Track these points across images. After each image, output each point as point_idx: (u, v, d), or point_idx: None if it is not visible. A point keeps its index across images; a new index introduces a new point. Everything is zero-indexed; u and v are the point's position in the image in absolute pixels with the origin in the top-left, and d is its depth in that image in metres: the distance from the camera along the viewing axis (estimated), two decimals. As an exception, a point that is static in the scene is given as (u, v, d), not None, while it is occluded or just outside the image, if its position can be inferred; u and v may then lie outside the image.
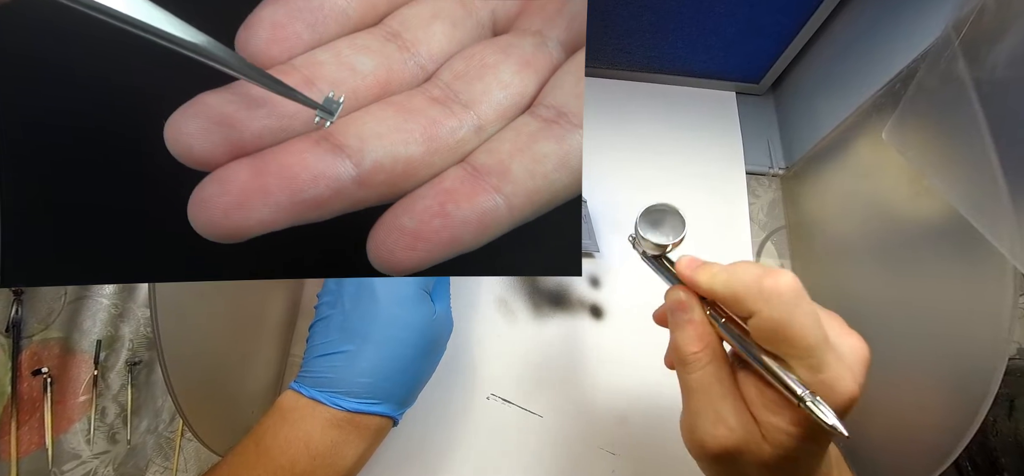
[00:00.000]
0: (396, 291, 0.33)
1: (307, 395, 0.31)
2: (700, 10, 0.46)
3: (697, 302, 0.25)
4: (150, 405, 0.44)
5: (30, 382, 0.43)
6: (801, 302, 0.22)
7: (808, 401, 0.21)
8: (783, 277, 0.22)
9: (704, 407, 0.24)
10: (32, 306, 0.45)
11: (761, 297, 0.22)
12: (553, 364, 0.45)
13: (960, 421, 0.29)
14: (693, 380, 0.24)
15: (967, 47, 0.29)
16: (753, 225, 0.51)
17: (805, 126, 0.50)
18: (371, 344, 0.32)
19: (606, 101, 0.54)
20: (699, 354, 0.24)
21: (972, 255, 0.30)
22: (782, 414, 0.22)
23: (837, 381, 0.21)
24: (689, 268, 0.25)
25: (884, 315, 0.38)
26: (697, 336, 0.25)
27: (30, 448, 0.42)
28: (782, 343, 0.22)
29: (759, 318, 0.22)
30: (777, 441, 0.22)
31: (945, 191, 0.30)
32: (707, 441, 0.23)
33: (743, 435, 0.23)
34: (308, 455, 0.30)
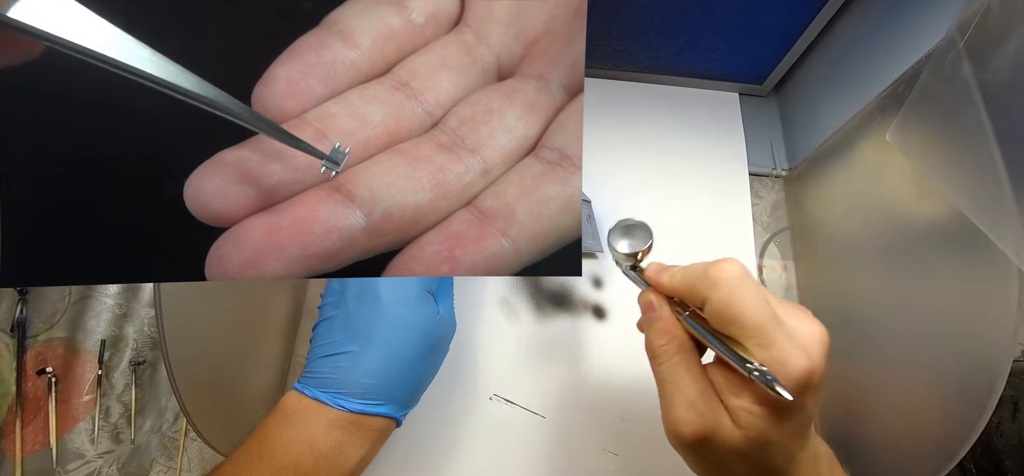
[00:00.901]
0: (400, 292, 0.33)
1: (310, 396, 0.31)
2: (704, 11, 0.46)
3: (664, 301, 0.28)
4: (154, 405, 0.44)
5: (35, 382, 0.43)
6: (745, 284, 0.24)
7: (755, 372, 0.22)
8: (727, 264, 0.24)
9: (674, 395, 0.26)
10: (37, 306, 0.45)
11: (708, 283, 0.25)
12: (556, 365, 0.45)
13: (964, 423, 0.29)
14: (663, 371, 0.27)
15: (972, 49, 0.29)
16: (756, 226, 0.51)
17: (809, 127, 0.50)
18: (375, 345, 0.32)
19: (609, 102, 0.55)
20: (666, 346, 0.27)
21: (976, 257, 0.30)
22: (744, 395, 0.24)
23: (787, 357, 0.23)
24: (655, 272, 0.29)
25: (888, 317, 0.38)
26: (663, 330, 0.27)
27: (35, 447, 0.42)
28: (732, 324, 0.24)
29: (710, 304, 0.24)
30: (744, 422, 0.24)
31: (949, 193, 0.30)
32: (681, 427, 0.25)
33: (712, 419, 0.24)
34: (311, 456, 0.30)
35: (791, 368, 0.23)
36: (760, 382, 0.22)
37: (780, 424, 0.24)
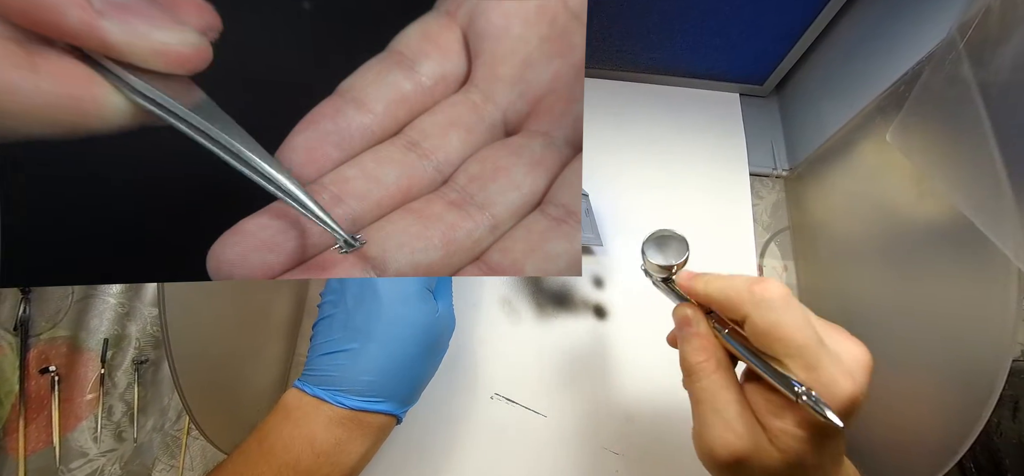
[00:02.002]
0: (399, 290, 0.33)
1: (310, 393, 0.31)
2: (704, 12, 0.46)
3: (702, 316, 0.27)
4: (156, 403, 0.44)
5: (38, 380, 0.44)
6: (790, 305, 0.23)
7: (804, 396, 0.21)
8: (772, 284, 0.24)
9: (711, 415, 0.25)
10: (40, 305, 0.46)
11: (752, 302, 0.24)
12: (557, 364, 0.45)
13: (964, 422, 0.29)
14: (700, 389, 0.25)
15: (972, 49, 0.29)
16: (757, 226, 0.51)
17: (809, 128, 0.50)
18: (374, 342, 0.32)
19: (610, 102, 0.55)
20: (704, 364, 0.26)
21: (976, 257, 0.30)
22: (786, 417, 0.23)
23: (832, 381, 0.22)
24: (687, 279, 0.28)
25: (888, 316, 0.38)
26: (701, 347, 0.26)
27: (38, 446, 0.42)
28: (776, 343, 0.23)
29: (752, 322, 0.24)
30: (784, 445, 0.23)
31: (949, 193, 0.30)
32: (717, 448, 0.24)
33: (751, 441, 0.23)
34: (312, 453, 0.30)
35: (838, 392, 0.22)
36: (809, 406, 0.21)
37: (820, 448, 0.23)
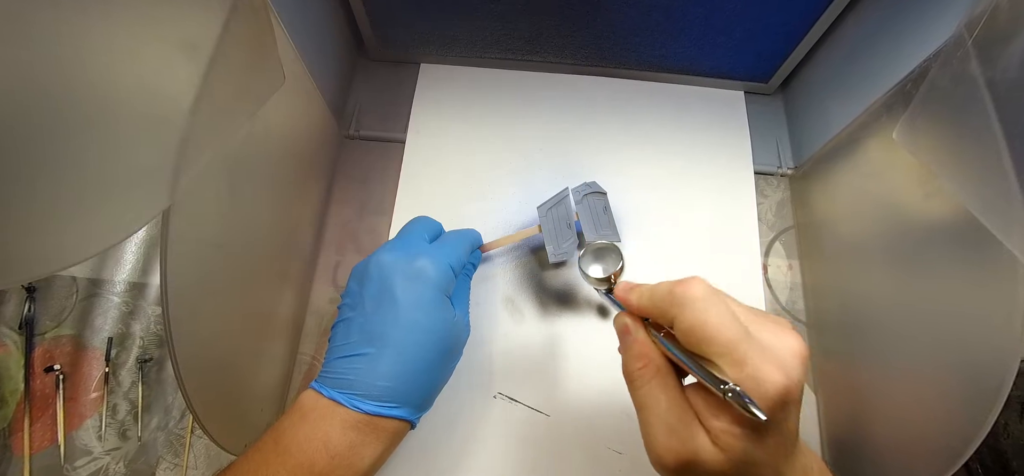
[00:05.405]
0: (416, 296, 0.33)
1: (327, 395, 0.31)
2: (709, 9, 0.46)
3: (640, 324, 0.28)
4: (161, 402, 0.44)
5: (43, 379, 0.44)
6: (712, 303, 0.23)
7: (729, 393, 0.22)
8: (693, 282, 0.24)
9: (654, 421, 0.25)
10: (44, 303, 0.46)
11: (676, 303, 0.24)
12: (560, 363, 0.45)
13: (971, 423, 0.29)
14: (641, 396, 0.26)
15: (980, 47, 0.28)
16: (761, 225, 0.51)
17: (814, 126, 0.50)
18: (391, 348, 0.32)
19: (615, 100, 0.54)
20: (642, 370, 0.26)
21: (983, 256, 0.29)
22: (723, 416, 0.23)
23: (762, 375, 0.22)
24: (623, 291, 0.29)
25: (894, 316, 0.38)
26: (639, 354, 0.27)
27: (43, 444, 0.42)
28: (703, 343, 0.23)
29: (678, 324, 0.24)
30: (726, 444, 0.23)
31: (956, 192, 0.30)
32: (662, 454, 0.24)
33: (694, 444, 0.24)
34: (326, 455, 0.30)
35: (767, 386, 0.22)
36: (734, 402, 0.22)
37: (761, 442, 0.23)
